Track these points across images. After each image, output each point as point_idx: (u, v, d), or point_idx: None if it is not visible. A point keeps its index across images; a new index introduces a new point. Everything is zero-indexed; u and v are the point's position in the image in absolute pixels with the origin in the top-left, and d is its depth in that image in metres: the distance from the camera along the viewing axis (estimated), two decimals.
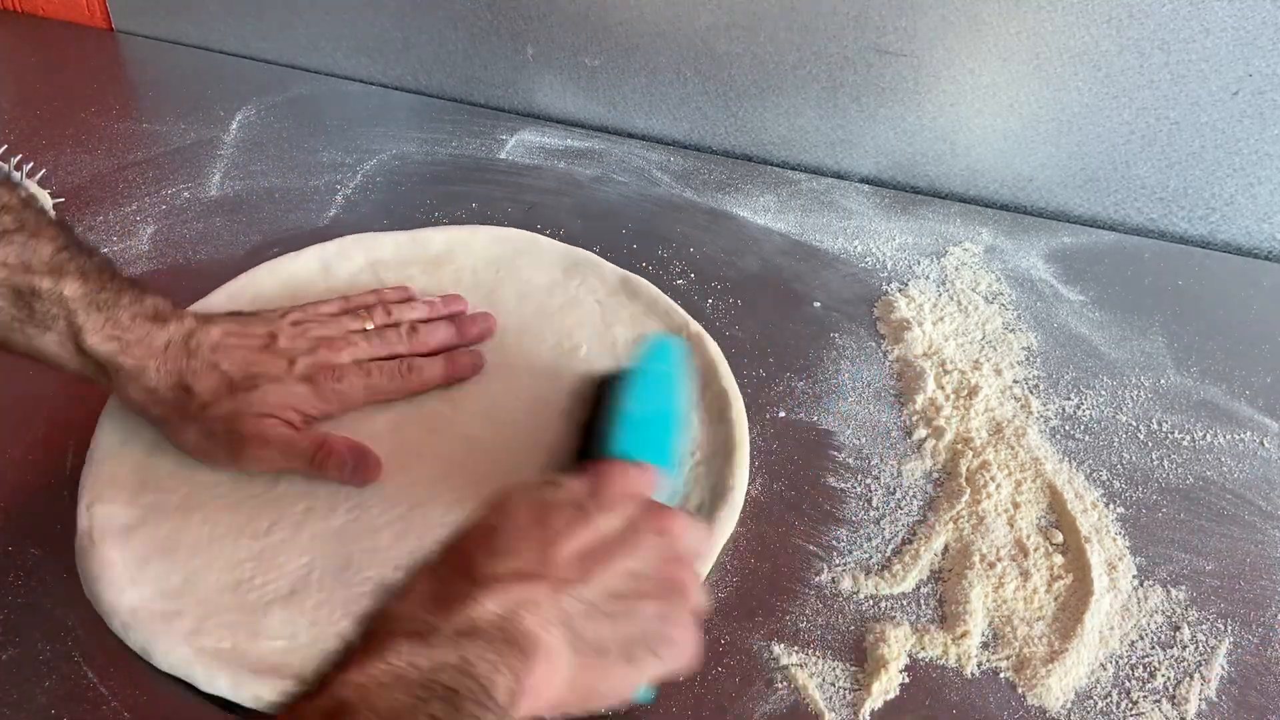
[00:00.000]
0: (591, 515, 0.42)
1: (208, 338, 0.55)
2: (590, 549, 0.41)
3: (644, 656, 0.40)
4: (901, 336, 0.68)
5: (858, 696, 0.48)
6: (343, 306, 0.62)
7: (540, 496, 0.42)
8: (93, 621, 0.49)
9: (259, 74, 0.99)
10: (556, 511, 0.41)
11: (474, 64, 0.94)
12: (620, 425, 0.49)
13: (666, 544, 0.43)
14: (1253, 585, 0.54)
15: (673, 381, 0.54)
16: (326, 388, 0.57)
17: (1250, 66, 0.72)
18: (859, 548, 0.55)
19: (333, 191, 0.82)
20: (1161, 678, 0.50)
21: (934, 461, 0.60)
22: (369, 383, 0.58)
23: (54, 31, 1.05)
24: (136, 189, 0.81)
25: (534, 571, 0.38)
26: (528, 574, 0.38)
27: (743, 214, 0.81)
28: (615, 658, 0.39)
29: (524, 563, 0.39)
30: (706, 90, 0.87)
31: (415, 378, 0.60)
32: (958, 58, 0.78)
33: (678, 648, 0.42)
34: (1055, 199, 0.83)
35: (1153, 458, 0.61)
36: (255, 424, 0.54)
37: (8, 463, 0.58)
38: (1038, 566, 0.54)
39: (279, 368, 0.56)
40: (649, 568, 0.41)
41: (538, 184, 0.83)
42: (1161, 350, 0.69)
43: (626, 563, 0.41)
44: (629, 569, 0.41)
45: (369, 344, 0.60)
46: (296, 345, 0.57)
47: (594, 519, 0.41)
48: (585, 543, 0.41)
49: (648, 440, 0.49)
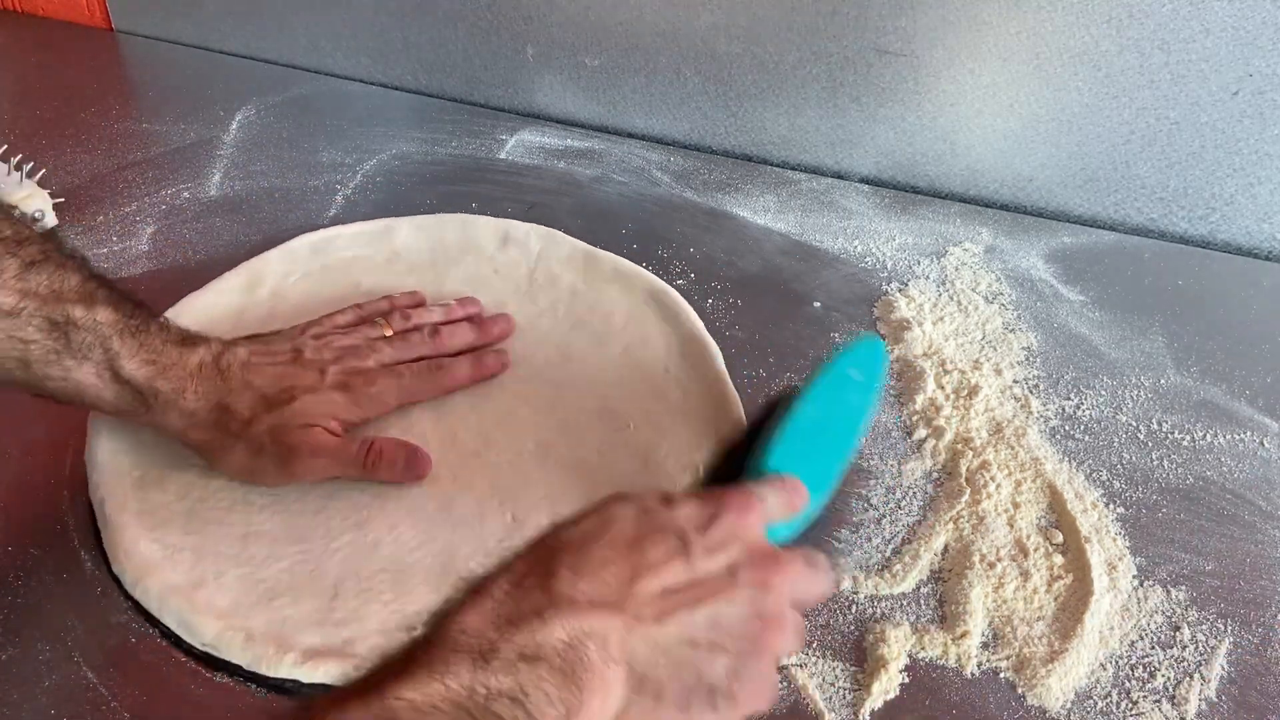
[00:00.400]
0: (693, 552, 0.39)
1: (236, 358, 0.55)
2: (678, 589, 0.38)
3: (701, 710, 0.38)
4: (901, 336, 0.68)
5: (858, 696, 0.48)
6: (358, 315, 0.62)
7: (648, 514, 0.40)
8: (93, 621, 0.50)
9: (259, 74, 0.99)
10: (657, 539, 0.39)
11: (474, 64, 0.94)
12: (783, 433, 0.45)
13: (763, 599, 0.40)
14: (1253, 585, 0.54)
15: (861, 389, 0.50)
16: (361, 393, 0.57)
17: (1250, 66, 0.72)
18: (859, 548, 0.55)
19: (333, 191, 0.82)
20: (1161, 678, 0.50)
21: (934, 461, 0.60)
22: (401, 384, 0.59)
23: (54, 31, 1.05)
24: (136, 189, 0.81)
25: (612, 602, 0.37)
26: (605, 603, 0.37)
27: (743, 214, 0.81)
28: (671, 704, 0.38)
29: (605, 590, 0.37)
30: (706, 90, 0.87)
31: (445, 377, 0.60)
32: (958, 58, 0.78)
33: (741, 706, 0.39)
34: (1055, 199, 0.83)
35: (1153, 458, 0.61)
36: (302, 435, 0.54)
37: (8, 463, 0.58)
38: (1038, 566, 0.54)
39: (312, 378, 0.56)
40: (734, 621, 0.39)
41: (538, 184, 0.83)
42: (1161, 350, 0.69)
43: (712, 611, 0.39)
44: (712, 618, 0.39)
45: (393, 349, 0.60)
46: (323, 356, 0.57)
47: (694, 557, 0.39)
48: (676, 581, 0.39)
49: (809, 453, 0.46)
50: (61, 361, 0.50)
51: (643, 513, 0.40)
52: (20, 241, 0.49)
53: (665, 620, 0.38)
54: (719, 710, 0.38)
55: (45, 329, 0.49)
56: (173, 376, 0.52)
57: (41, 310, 0.49)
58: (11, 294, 0.48)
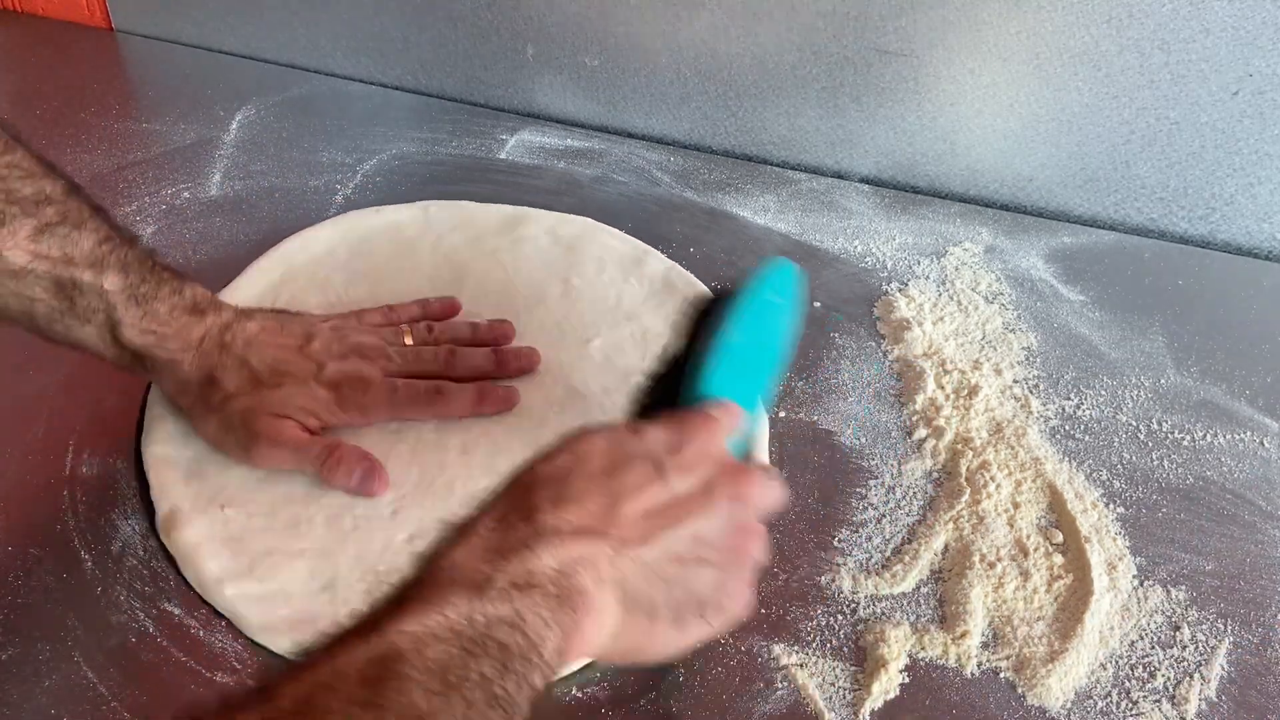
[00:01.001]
0: (667, 474, 0.41)
1: (243, 332, 0.55)
2: (659, 509, 0.40)
3: (693, 621, 0.40)
4: (901, 336, 0.68)
5: (858, 696, 0.48)
6: (387, 317, 0.62)
7: (619, 444, 0.41)
8: (93, 621, 0.50)
9: (259, 74, 0.99)
10: (632, 464, 0.40)
11: (474, 64, 0.94)
12: (716, 359, 0.46)
13: (739, 510, 0.42)
14: (1253, 585, 0.54)
15: (781, 313, 0.51)
16: (350, 398, 0.57)
17: (1250, 66, 0.72)
18: (859, 548, 0.55)
19: (332, 191, 0.82)
20: (1161, 678, 0.50)
21: (934, 461, 0.60)
22: (394, 400, 0.58)
23: (54, 31, 1.05)
24: (136, 189, 0.81)
25: (597, 528, 0.38)
26: (590, 530, 0.38)
27: (743, 214, 0.81)
28: (664, 620, 0.39)
29: (589, 518, 0.38)
30: (706, 90, 0.87)
31: (441, 405, 0.59)
32: (958, 58, 0.78)
33: (728, 614, 0.41)
34: (1055, 199, 0.83)
35: (1153, 458, 0.61)
36: (269, 423, 0.54)
37: (8, 463, 0.58)
38: (1038, 566, 0.54)
39: (307, 370, 0.56)
40: (715, 534, 0.41)
41: (538, 184, 0.83)
42: (1161, 350, 0.69)
43: (693, 527, 0.40)
44: (695, 533, 0.40)
45: (403, 360, 0.59)
46: (330, 350, 0.57)
47: (669, 478, 0.41)
48: (655, 502, 0.40)
49: (741, 376, 0.47)
50: (64, 320, 0.51)
51: (614, 442, 0.42)
52: (39, 202, 0.50)
53: (650, 541, 0.39)
54: (709, 620, 0.40)
55: (52, 290, 0.50)
56: (172, 346, 0.54)
57: (51, 272, 0.50)
58: (23, 254, 0.49)
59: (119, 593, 0.51)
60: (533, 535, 0.37)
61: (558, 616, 0.35)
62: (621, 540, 0.38)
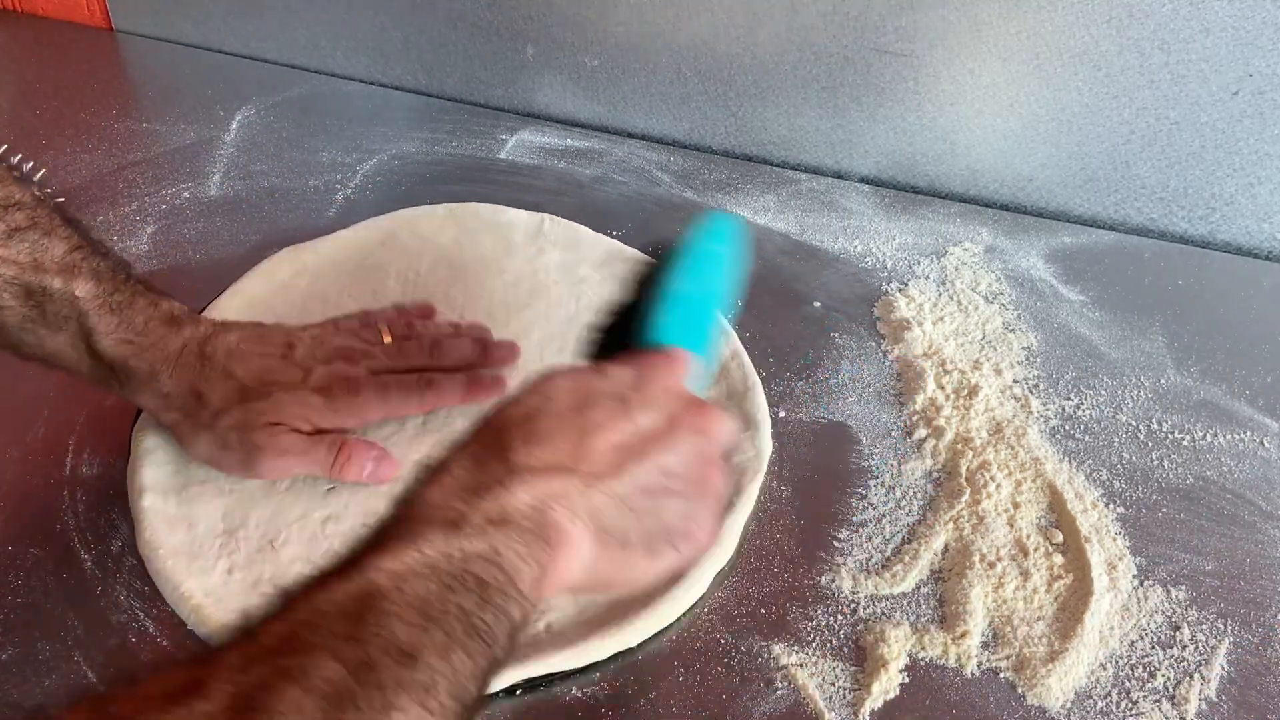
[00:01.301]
0: (632, 409, 0.42)
1: (223, 344, 0.54)
2: (626, 443, 0.41)
3: (664, 550, 0.41)
4: (901, 336, 0.68)
5: (858, 696, 0.48)
6: (363, 320, 0.62)
7: (585, 383, 0.43)
8: (93, 621, 0.50)
9: (259, 74, 0.99)
10: (597, 402, 0.42)
11: (474, 64, 0.94)
12: (662, 307, 0.48)
13: (703, 442, 0.43)
14: (1253, 585, 0.54)
15: (723, 261, 0.52)
16: (341, 400, 0.56)
17: (1250, 66, 0.72)
18: (859, 547, 0.55)
19: (332, 191, 0.82)
20: (1161, 678, 0.50)
21: (934, 461, 0.60)
22: (385, 397, 0.57)
23: (54, 31, 1.05)
24: (136, 189, 0.81)
25: (568, 464, 0.39)
26: (561, 466, 0.39)
27: (743, 214, 0.81)
28: (636, 550, 0.40)
29: (559, 454, 0.39)
30: (706, 90, 0.87)
31: (433, 395, 0.59)
32: (958, 58, 0.78)
33: (698, 543, 0.43)
34: (1055, 199, 0.83)
35: (1153, 458, 0.61)
36: (267, 434, 0.53)
37: (8, 463, 0.58)
38: (1038, 566, 0.54)
39: (294, 377, 0.55)
40: (682, 466, 0.42)
41: (538, 184, 0.83)
42: (1161, 350, 0.69)
43: (660, 459, 0.41)
44: (662, 465, 0.41)
45: (387, 356, 0.59)
46: (314, 355, 0.57)
47: (634, 413, 0.42)
48: (622, 437, 0.41)
49: (688, 323, 0.49)
50: (36, 330, 0.50)
51: (579, 382, 0.43)
52: (7, 207, 0.49)
53: (620, 474, 0.40)
54: (679, 550, 0.42)
55: (20, 296, 0.49)
56: (150, 357, 0.52)
57: (20, 278, 0.49)
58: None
59: (119, 593, 0.51)
60: (506, 473, 0.38)
61: (533, 550, 0.36)
62: (592, 474, 0.39)
